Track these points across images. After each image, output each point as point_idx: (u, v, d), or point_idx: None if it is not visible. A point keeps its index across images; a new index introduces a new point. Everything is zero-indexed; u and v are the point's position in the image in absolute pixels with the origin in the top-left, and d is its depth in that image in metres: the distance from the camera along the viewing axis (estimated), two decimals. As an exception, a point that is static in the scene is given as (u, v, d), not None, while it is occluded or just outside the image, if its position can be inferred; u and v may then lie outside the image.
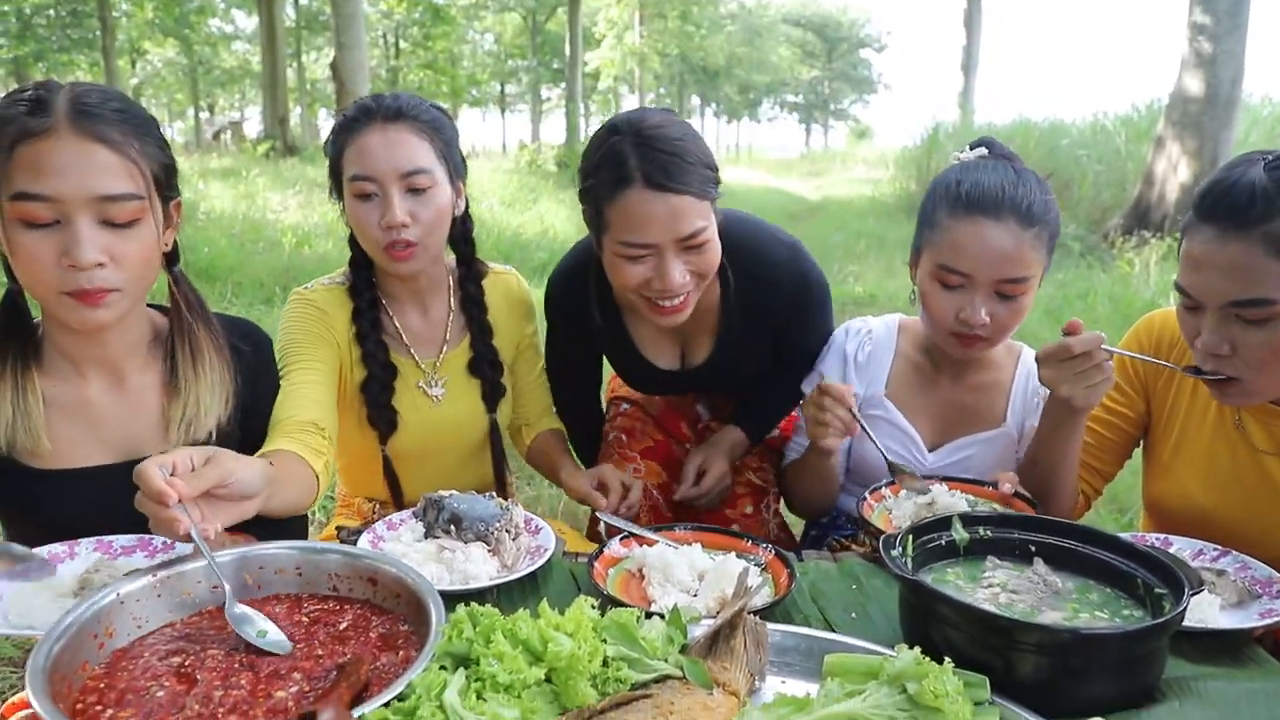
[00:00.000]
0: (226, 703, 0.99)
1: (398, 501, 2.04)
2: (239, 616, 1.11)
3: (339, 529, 1.89)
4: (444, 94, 33.25)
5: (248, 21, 37.37)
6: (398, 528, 1.56)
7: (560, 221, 12.25)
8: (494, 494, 1.59)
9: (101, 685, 1.03)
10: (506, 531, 1.48)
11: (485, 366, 2.04)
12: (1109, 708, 1.09)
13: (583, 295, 1.99)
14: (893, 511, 1.72)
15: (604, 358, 2.25)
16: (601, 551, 1.49)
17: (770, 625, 1.26)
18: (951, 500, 1.69)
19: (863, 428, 1.79)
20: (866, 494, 1.75)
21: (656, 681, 1.11)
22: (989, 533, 1.42)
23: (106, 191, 1.35)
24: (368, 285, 1.95)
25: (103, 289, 1.36)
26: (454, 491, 1.56)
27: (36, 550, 1.32)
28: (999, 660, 1.13)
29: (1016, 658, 1.13)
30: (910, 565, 1.31)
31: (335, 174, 1.87)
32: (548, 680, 1.03)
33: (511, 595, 1.43)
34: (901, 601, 1.33)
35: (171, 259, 1.54)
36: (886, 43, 67.01)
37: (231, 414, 1.60)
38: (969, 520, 1.43)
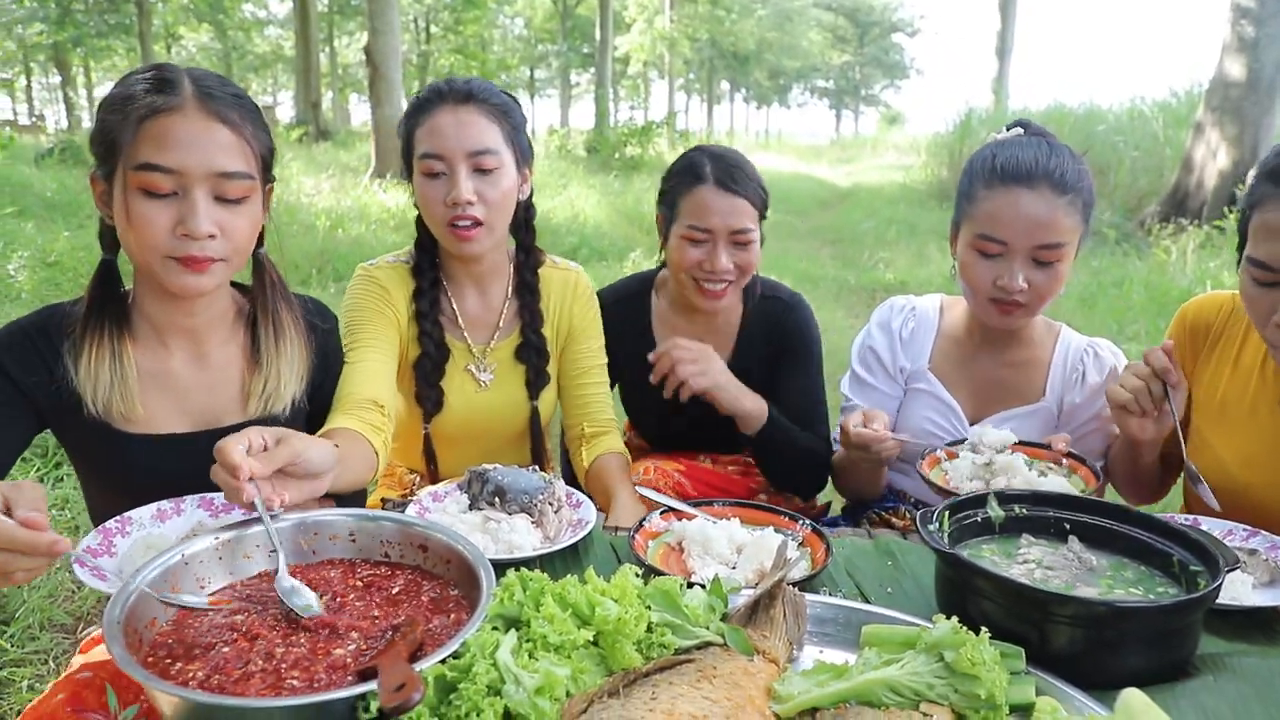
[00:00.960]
0: (289, 659, 1.03)
1: (433, 478, 2.08)
2: (288, 589, 1.15)
3: (383, 500, 1.94)
4: (474, 79, 33.21)
5: (281, 6, 37.64)
6: (443, 499, 1.60)
7: (590, 206, 12.27)
8: (536, 467, 1.63)
9: (170, 641, 1.07)
10: (549, 504, 1.51)
11: (531, 353, 2.06)
12: (1143, 680, 1.11)
13: (618, 321, 2.24)
14: (949, 473, 1.78)
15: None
16: (642, 525, 1.52)
17: (808, 596, 1.29)
18: (1008, 459, 1.74)
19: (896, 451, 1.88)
20: (924, 455, 1.82)
21: (698, 647, 1.15)
22: (1024, 510, 1.44)
23: (224, 168, 1.42)
24: (431, 265, 2.01)
25: (210, 257, 1.44)
26: (497, 465, 1.60)
27: (143, 509, 1.41)
28: (1034, 632, 1.15)
29: (1052, 630, 1.15)
30: (946, 541, 1.33)
31: (406, 154, 1.94)
32: (594, 643, 1.07)
33: (554, 566, 1.47)
34: (938, 575, 1.35)
35: (260, 240, 1.60)
36: (919, 27, 66.14)
37: (305, 389, 1.67)
38: (1004, 498, 1.45)
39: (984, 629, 1.08)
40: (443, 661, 0.97)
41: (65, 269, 6.74)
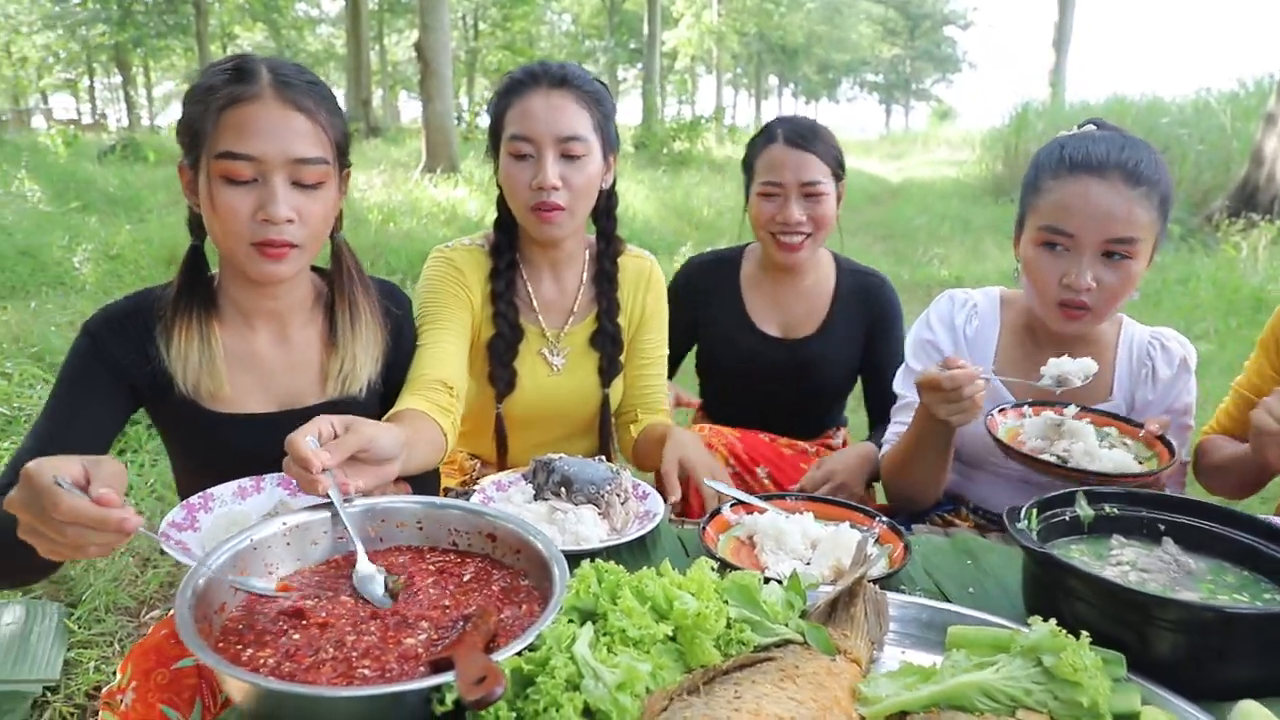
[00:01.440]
0: (359, 647, 1.01)
1: (501, 463, 2.07)
2: (365, 578, 1.13)
3: (445, 489, 1.92)
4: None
5: (332, 5, 38.20)
6: (507, 489, 1.58)
7: (639, 201, 12.24)
8: (603, 457, 1.59)
9: (240, 626, 1.06)
10: (616, 495, 1.48)
11: (607, 341, 2.06)
12: (1255, 692, 1.04)
13: (708, 280, 2.47)
14: (1024, 429, 1.74)
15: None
16: (714, 516, 1.48)
17: (890, 595, 1.24)
18: (1078, 425, 1.70)
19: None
20: (993, 411, 1.75)
21: (778, 645, 1.10)
22: (1115, 510, 1.37)
23: (301, 155, 1.46)
24: (509, 247, 2.01)
25: (288, 243, 1.47)
26: (563, 455, 1.57)
27: (225, 486, 1.45)
28: (1134, 637, 1.09)
29: (1154, 635, 1.09)
30: (1035, 539, 1.27)
31: (494, 134, 1.94)
32: (671, 639, 1.03)
33: (621, 558, 1.43)
34: (1026, 575, 1.29)
35: (337, 224, 1.63)
36: (972, 20, 64.98)
37: (380, 371, 1.69)
38: (1094, 496, 1.38)
39: (1084, 633, 1.02)
40: (519, 654, 0.94)
41: (126, 261, 6.89)
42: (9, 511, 1.11)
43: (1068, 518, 1.36)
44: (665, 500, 1.61)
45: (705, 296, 2.45)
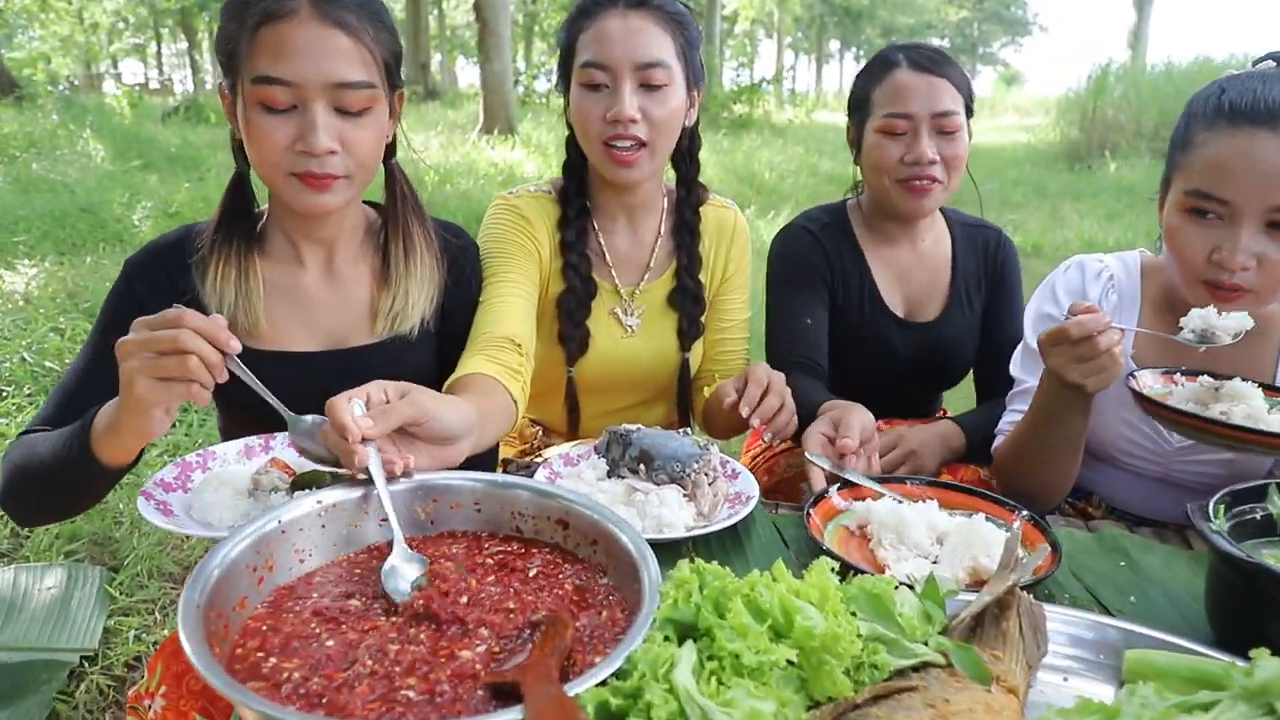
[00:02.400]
0: (403, 660, 0.82)
1: (571, 432, 1.88)
2: (392, 572, 0.95)
3: (503, 461, 1.73)
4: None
5: (392, -31, 38.04)
6: (577, 463, 1.38)
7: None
8: (687, 430, 1.38)
9: (264, 628, 0.87)
10: (704, 474, 1.26)
11: (688, 300, 1.84)
12: None
13: (832, 242, 2.00)
14: (1173, 395, 1.46)
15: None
16: (819, 500, 1.26)
17: (1045, 606, 1.01)
18: (1244, 387, 1.43)
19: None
20: (1135, 371, 1.50)
21: (915, 669, 0.89)
22: (1317, 506, 1.12)
23: (343, 78, 1.31)
24: (579, 192, 1.80)
25: (332, 174, 1.34)
26: (640, 426, 1.36)
27: (230, 444, 1.34)
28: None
29: None
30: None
31: (565, 62, 1.72)
32: (790, 662, 0.82)
33: (710, 549, 1.23)
34: (1217, 587, 1.05)
35: (390, 150, 1.50)
36: (1045, -20, 62.40)
37: (435, 312, 1.56)
38: (1289, 492, 1.13)
39: (1331, 671, 0.78)
40: (603, 683, 0.73)
41: (184, 218, 6.85)
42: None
43: (1259, 516, 1.12)
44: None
45: (833, 262, 1.98)
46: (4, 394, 3.59)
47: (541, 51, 36.86)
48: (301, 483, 1.22)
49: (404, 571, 0.95)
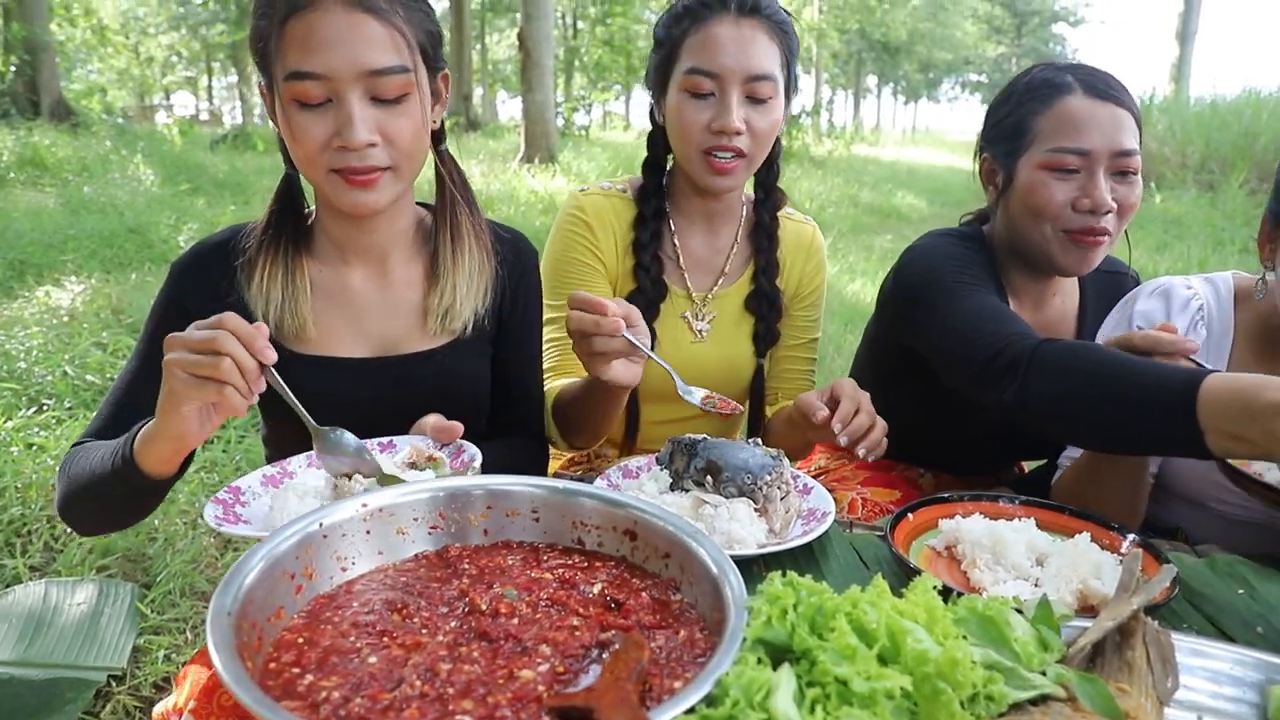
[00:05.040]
0: (456, 680, 0.72)
1: (629, 444, 1.78)
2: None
3: (553, 475, 1.64)
4: (620, 74, 33.42)
5: (437, 4, 38.84)
6: (637, 475, 1.28)
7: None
8: (758, 440, 1.28)
9: (300, 640, 0.78)
10: (777, 488, 1.16)
11: (764, 304, 1.76)
12: None
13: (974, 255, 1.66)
14: (1266, 474, 1.26)
15: None
16: (902, 517, 1.15)
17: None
18: None
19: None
20: None
21: (1034, 703, 0.77)
22: None
23: (375, 65, 1.24)
24: (657, 192, 1.74)
25: (374, 168, 1.28)
26: (706, 436, 1.26)
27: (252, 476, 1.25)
28: None
29: None
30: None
31: (664, 63, 1.65)
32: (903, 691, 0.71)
33: (782, 569, 1.12)
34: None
35: (438, 137, 1.43)
36: (1083, 16, 62.19)
37: (489, 310, 1.48)
38: None
39: None
40: (691, 710, 0.63)
41: (229, 242, 6.91)
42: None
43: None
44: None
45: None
46: (45, 407, 3.57)
47: (581, 85, 37.29)
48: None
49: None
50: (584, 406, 1.53)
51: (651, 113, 1.73)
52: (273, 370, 1.08)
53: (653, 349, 1.65)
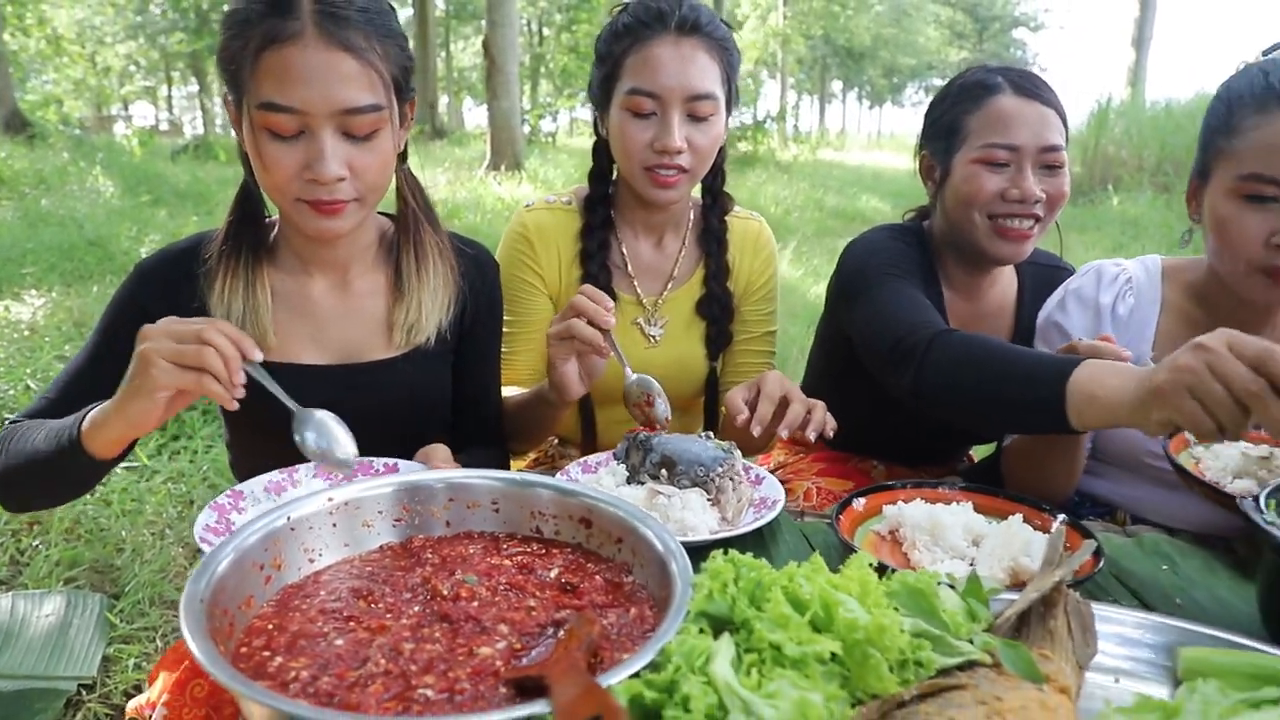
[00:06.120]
0: (419, 659, 0.77)
1: (589, 445, 1.83)
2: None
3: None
4: (586, 81, 33.55)
5: (401, 11, 38.68)
6: (595, 470, 1.33)
7: (704, 200, 11.97)
8: (710, 434, 1.33)
9: (270, 626, 0.82)
10: (729, 479, 1.22)
11: (715, 307, 1.81)
12: None
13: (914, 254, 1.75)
14: (1204, 460, 1.36)
15: None
16: (846, 505, 1.21)
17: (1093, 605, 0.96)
18: None
19: None
20: (1170, 434, 1.39)
21: (962, 668, 0.83)
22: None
23: (350, 104, 1.26)
24: (604, 201, 1.79)
25: (341, 200, 1.31)
26: (661, 431, 1.31)
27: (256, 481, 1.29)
28: None
29: None
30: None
31: (607, 80, 1.69)
32: (832, 658, 0.77)
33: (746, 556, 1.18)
34: (1269, 586, 1.00)
35: (401, 157, 1.46)
36: (1043, 22, 63.24)
37: (451, 323, 1.52)
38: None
39: None
40: (636, 675, 0.68)
41: (193, 253, 6.86)
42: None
43: (1312, 515, 1.07)
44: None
45: (928, 287, 1.74)
46: (4, 421, 3.55)
47: (547, 92, 37.31)
48: None
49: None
50: (522, 418, 1.62)
51: (595, 125, 1.76)
52: (258, 367, 1.12)
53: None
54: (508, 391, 1.70)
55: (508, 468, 1.67)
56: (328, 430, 1.21)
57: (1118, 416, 1.10)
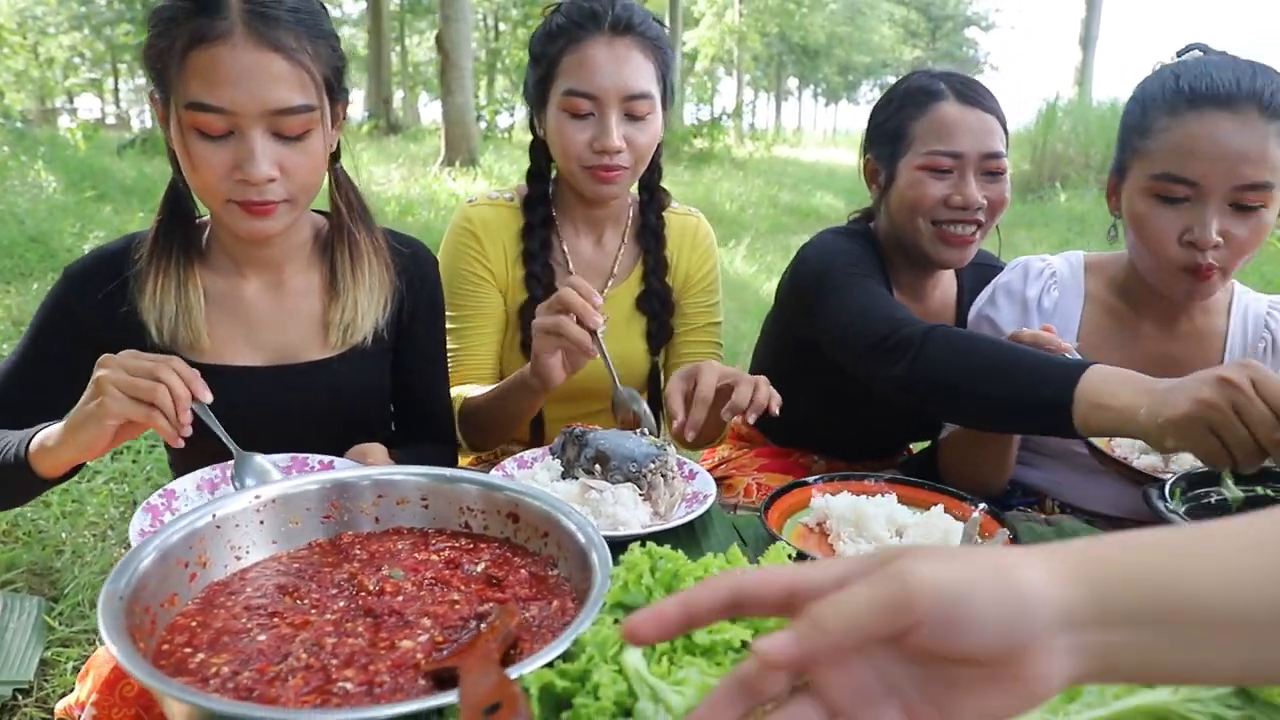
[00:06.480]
0: (340, 652, 0.78)
1: (536, 443, 1.83)
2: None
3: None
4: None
5: (355, 6, 38.20)
6: (530, 465, 1.35)
7: (660, 196, 12.01)
8: (644, 430, 1.35)
9: (194, 624, 0.83)
10: (661, 475, 1.24)
11: (655, 302, 1.83)
12: None
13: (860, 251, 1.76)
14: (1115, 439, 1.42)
15: None
16: (778, 497, 1.24)
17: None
18: None
19: None
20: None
21: (874, 655, 0.86)
22: (1271, 491, 1.12)
23: (280, 105, 1.24)
24: (543, 200, 1.79)
25: (272, 201, 1.29)
26: (597, 427, 1.33)
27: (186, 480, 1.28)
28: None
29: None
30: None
31: (542, 81, 1.69)
32: (745, 645, 0.79)
33: (666, 548, 1.20)
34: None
35: (334, 157, 1.45)
36: (994, 22, 64.24)
37: (390, 321, 1.51)
38: (1242, 477, 1.14)
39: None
40: (550, 665, 0.70)
41: (138, 249, 6.73)
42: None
43: (1213, 500, 1.12)
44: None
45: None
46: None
47: (504, 88, 37.13)
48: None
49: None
50: (499, 409, 1.60)
51: (532, 124, 1.77)
52: (205, 408, 1.14)
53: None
54: (470, 389, 1.69)
55: (455, 464, 1.68)
56: (268, 477, 1.22)
57: (1128, 430, 1.11)
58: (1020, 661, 0.50)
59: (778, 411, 1.38)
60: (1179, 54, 1.60)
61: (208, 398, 1.13)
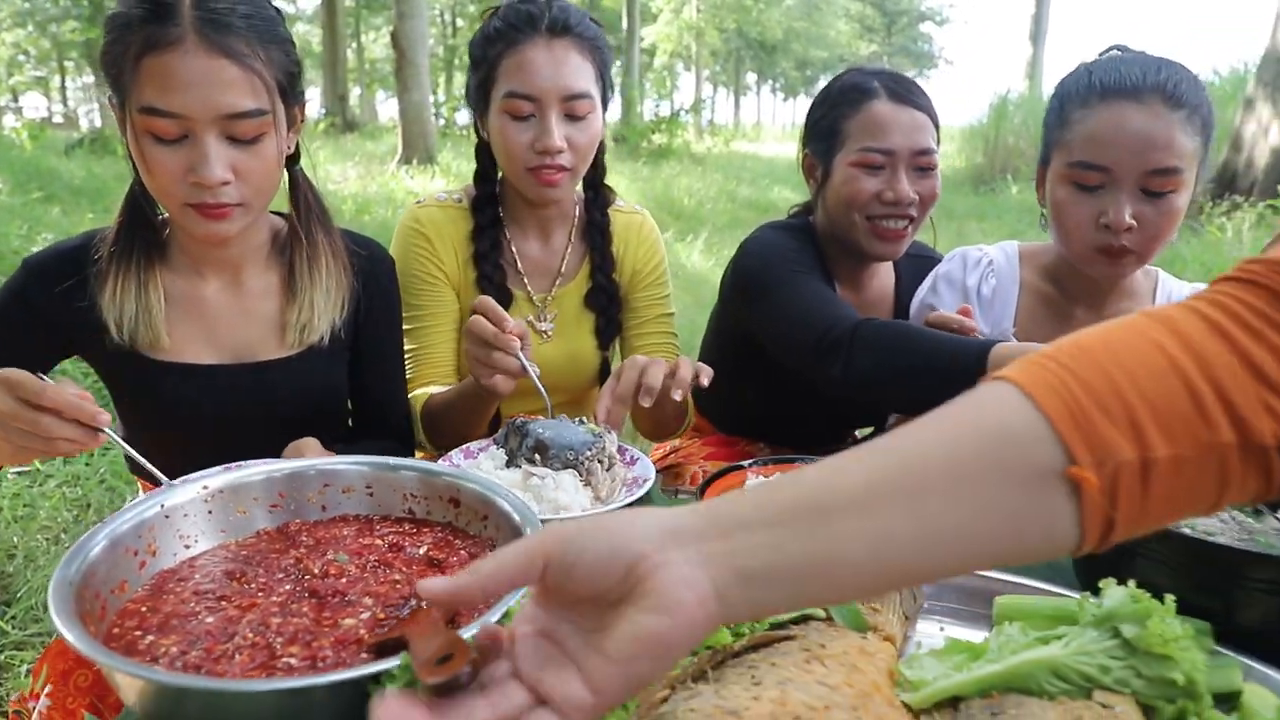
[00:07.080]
0: (285, 631, 0.82)
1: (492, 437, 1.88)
2: None
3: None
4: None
5: (309, 2, 37.72)
6: (475, 455, 1.39)
7: (620, 190, 11.96)
8: (584, 419, 1.40)
9: (143, 609, 0.86)
10: (599, 461, 1.29)
11: (603, 298, 1.87)
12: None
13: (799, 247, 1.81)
14: None
15: None
16: (711, 481, 1.30)
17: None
18: None
19: None
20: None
21: (796, 622, 0.92)
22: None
23: (233, 109, 1.27)
24: (491, 201, 1.82)
25: (227, 204, 1.32)
26: (539, 418, 1.38)
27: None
28: (1218, 603, 0.92)
29: (1244, 600, 0.91)
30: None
31: (483, 84, 1.72)
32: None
33: (607, 530, 1.25)
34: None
35: (293, 159, 1.48)
36: (948, 17, 65.14)
37: (346, 322, 1.54)
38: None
39: (1169, 596, 0.84)
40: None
41: (88, 251, 6.63)
42: None
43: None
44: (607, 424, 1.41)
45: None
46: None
47: (462, 84, 36.91)
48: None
49: None
50: (458, 411, 1.62)
51: (475, 127, 1.80)
52: (110, 433, 1.10)
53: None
54: (433, 389, 1.72)
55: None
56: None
57: None
58: (644, 578, 0.57)
59: (706, 383, 1.44)
60: (1101, 54, 1.69)
61: (105, 421, 1.08)
